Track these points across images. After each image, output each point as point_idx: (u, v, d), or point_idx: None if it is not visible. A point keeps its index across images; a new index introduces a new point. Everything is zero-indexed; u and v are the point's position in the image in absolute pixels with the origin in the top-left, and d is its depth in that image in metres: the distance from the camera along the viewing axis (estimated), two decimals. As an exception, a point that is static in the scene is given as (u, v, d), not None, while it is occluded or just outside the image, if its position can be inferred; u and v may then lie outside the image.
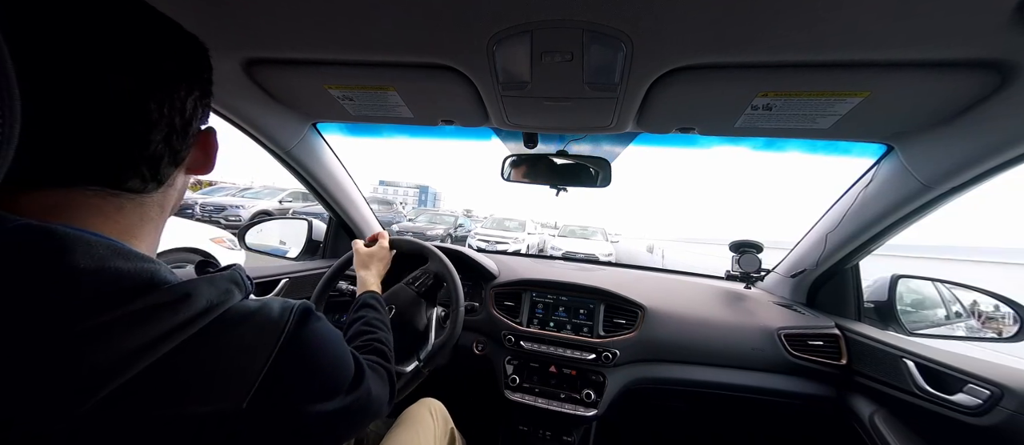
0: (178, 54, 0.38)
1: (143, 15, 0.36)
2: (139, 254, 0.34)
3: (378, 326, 0.78)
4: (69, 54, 0.31)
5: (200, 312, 0.34)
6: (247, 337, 0.36)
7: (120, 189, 0.36)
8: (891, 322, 1.23)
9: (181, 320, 0.32)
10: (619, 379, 1.24)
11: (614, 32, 0.64)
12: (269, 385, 0.35)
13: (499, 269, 1.49)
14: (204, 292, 0.35)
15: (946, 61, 0.64)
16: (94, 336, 0.29)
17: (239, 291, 0.39)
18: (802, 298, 1.42)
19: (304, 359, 0.39)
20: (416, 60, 0.80)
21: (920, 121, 0.83)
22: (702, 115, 0.92)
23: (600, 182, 1.31)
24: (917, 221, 1.05)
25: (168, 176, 0.40)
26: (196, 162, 0.44)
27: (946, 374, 0.93)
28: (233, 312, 0.37)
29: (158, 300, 0.32)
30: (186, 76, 0.39)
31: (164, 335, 0.31)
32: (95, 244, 0.32)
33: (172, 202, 0.44)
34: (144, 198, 0.39)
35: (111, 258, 0.32)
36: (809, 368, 1.20)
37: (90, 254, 0.31)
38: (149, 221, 0.40)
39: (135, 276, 0.32)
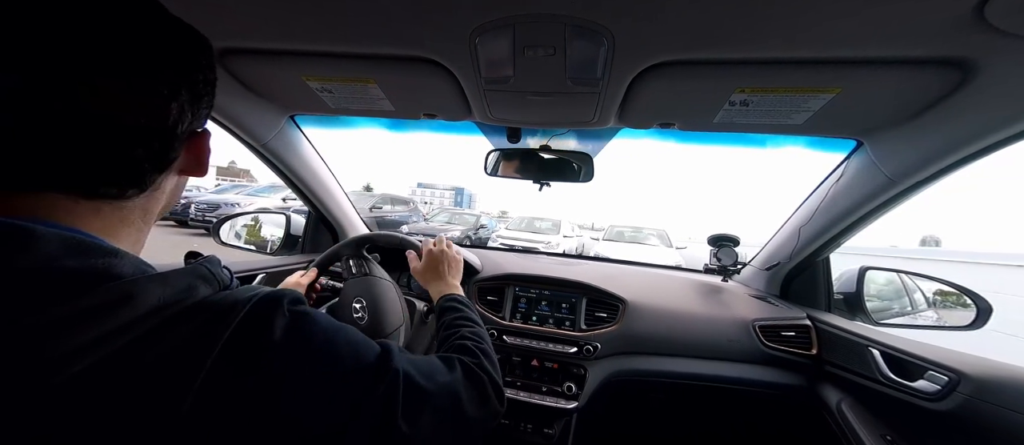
0: (158, 57, 0.34)
1: (122, 12, 0.33)
2: (102, 248, 0.32)
3: (462, 324, 0.68)
4: (34, 57, 0.29)
5: (146, 312, 0.30)
6: (187, 338, 0.31)
7: (95, 197, 0.34)
8: (858, 312, 1.28)
9: (121, 323, 0.29)
10: (600, 372, 1.26)
11: (596, 27, 0.65)
12: (210, 387, 0.30)
13: (482, 264, 1.48)
14: (153, 291, 0.31)
15: (912, 59, 0.67)
16: (21, 338, 0.26)
17: (206, 286, 0.35)
18: (776, 290, 1.46)
19: (257, 364, 0.33)
20: (397, 52, 0.79)
21: (888, 117, 0.86)
22: (682, 111, 0.93)
23: (583, 177, 1.32)
24: (884, 214, 1.09)
25: (153, 181, 0.37)
26: (188, 165, 0.41)
27: (908, 361, 0.98)
28: (192, 309, 0.32)
29: (93, 301, 0.28)
30: (168, 80, 0.35)
31: (96, 341, 0.28)
32: (49, 239, 0.29)
33: (159, 206, 0.41)
34: (124, 203, 0.36)
35: (61, 256, 0.29)
36: (782, 358, 1.24)
37: (36, 251, 0.28)
38: (129, 224, 0.37)
39: (81, 274, 0.29)
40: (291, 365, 0.35)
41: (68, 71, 0.30)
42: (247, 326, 0.33)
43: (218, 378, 0.30)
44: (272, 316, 0.35)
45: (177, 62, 0.36)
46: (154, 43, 0.34)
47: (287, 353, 0.35)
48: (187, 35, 0.38)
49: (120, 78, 0.32)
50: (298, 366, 0.35)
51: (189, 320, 0.32)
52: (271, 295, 0.36)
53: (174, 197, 0.44)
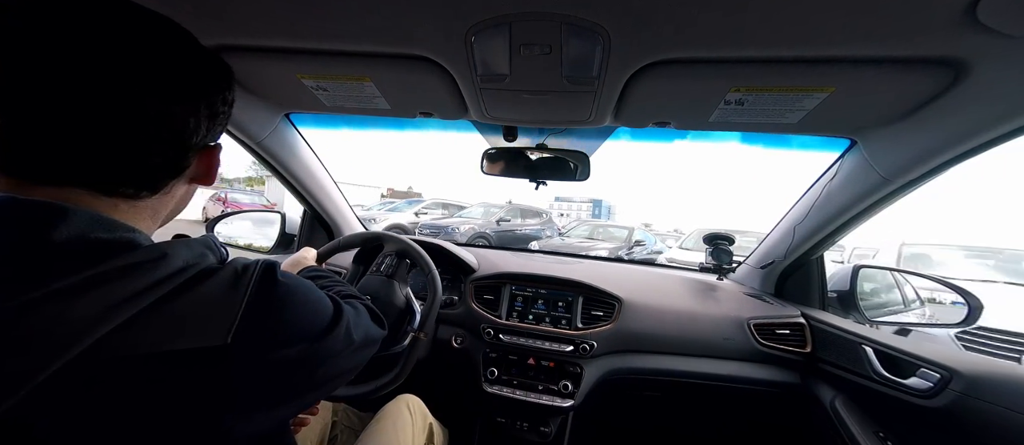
0: (192, 82, 0.40)
1: (153, 33, 0.38)
2: (125, 225, 0.38)
3: (335, 281, 0.77)
4: (72, 67, 0.33)
5: (177, 270, 0.36)
6: (220, 289, 0.38)
7: (113, 194, 0.39)
8: (852, 310, 1.29)
9: (160, 276, 0.35)
10: (596, 370, 1.26)
11: (592, 25, 0.65)
12: (247, 327, 0.37)
13: (479, 262, 1.48)
14: (181, 253, 0.38)
15: (905, 58, 0.67)
16: (72, 292, 0.31)
17: (212, 255, 0.42)
18: (771, 288, 1.47)
19: (274, 304, 0.41)
20: (392, 51, 0.79)
21: (881, 116, 0.87)
22: (677, 110, 0.94)
23: (579, 175, 1.32)
24: (878, 213, 1.10)
25: (165, 185, 0.43)
26: (198, 174, 0.46)
27: (901, 359, 0.98)
28: (206, 271, 0.39)
29: (136, 259, 0.34)
30: (186, 97, 0.40)
31: (145, 289, 0.33)
32: (80, 215, 0.34)
33: (168, 210, 0.46)
34: (137, 202, 0.41)
35: (93, 228, 0.35)
36: (777, 356, 1.25)
37: (72, 223, 0.34)
38: (140, 222, 0.42)
39: (114, 242, 0.35)
40: (291, 305, 0.43)
41: (131, 92, 0.36)
42: (262, 282, 0.41)
43: (251, 311, 0.38)
44: (274, 275, 0.42)
45: (204, 87, 0.42)
46: (190, 71, 0.40)
47: (288, 297, 0.43)
48: (214, 64, 0.44)
49: (162, 100, 0.38)
50: (295, 306, 0.44)
51: (210, 278, 0.38)
52: (269, 262, 0.44)
53: (183, 203, 0.49)
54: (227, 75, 0.45)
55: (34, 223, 0.33)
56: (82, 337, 0.30)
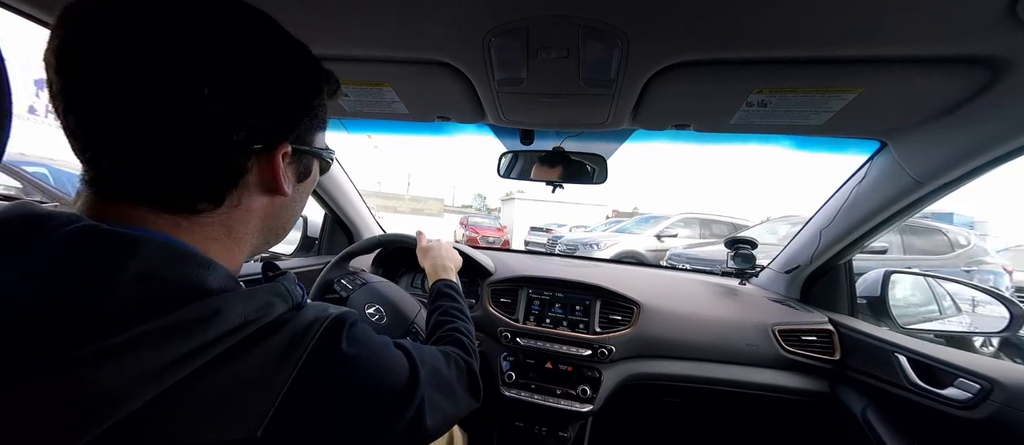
0: (226, 65, 0.34)
1: (216, 40, 0.34)
2: (197, 258, 0.33)
3: (457, 315, 0.72)
4: (116, 74, 0.31)
5: (231, 329, 0.31)
6: (271, 355, 0.32)
7: (174, 210, 0.35)
8: (883, 317, 1.25)
9: (209, 338, 0.30)
10: (615, 375, 1.25)
11: (610, 28, 0.64)
12: (286, 410, 0.31)
13: (495, 266, 1.49)
14: (237, 308, 0.32)
15: (939, 57, 0.65)
16: (112, 354, 0.27)
17: (282, 303, 0.36)
18: (796, 294, 1.43)
19: (327, 383, 0.35)
20: (412, 56, 0.80)
21: (913, 117, 0.84)
22: (697, 112, 0.92)
23: (596, 178, 1.31)
24: (910, 216, 1.06)
25: (226, 196, 0.37)
26: (265, 183, 0.40)
27: (937, 368, 0.94)
28: (268, 327, 0.34)
29: (186, 316, 0.29)
30: (229, 92, 0.34)
31: (188, 355, 0.29)
32: (150, 247, 0.31)
33: (248, 226, 0.41)
34: (200, 218, 0.36)
35: (163, 264, 0.31)
36: (803, 363, 1.21)
37: (141, 258, 0.30)
38: (214, 240, 0.38)
39: (175, 285, 0.31)
40: (350, 383, 0.37)
41: (177, 90, 0.31)
42: (318, 350, 0.35)
43: (296, 391, 0.32)
44: (338, 338, 0.37)
45: (255, 80, 0.36)
46: (237, 61, 0.35)
47: (349, 372, 0.37)
48: (275, 57, 0.38)
49: (213, 97, 0.33)
50: (355, 384, 0.38)
51: (268, 337, 0.33)
52: (337, 319, 0.38)
53: (267, 218, 0.42)
54: (292, 72, 0.39)
55: (101, 261, 0.29)
56: (99, 417, 0.25)
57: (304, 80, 0.40)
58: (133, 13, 0.31)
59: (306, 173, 0.46)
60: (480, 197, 57.95)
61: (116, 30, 0.30)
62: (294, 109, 0.40)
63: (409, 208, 37.59)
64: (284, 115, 0.39)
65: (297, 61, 0.39)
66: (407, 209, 37.10)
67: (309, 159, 0.45)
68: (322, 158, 0.47)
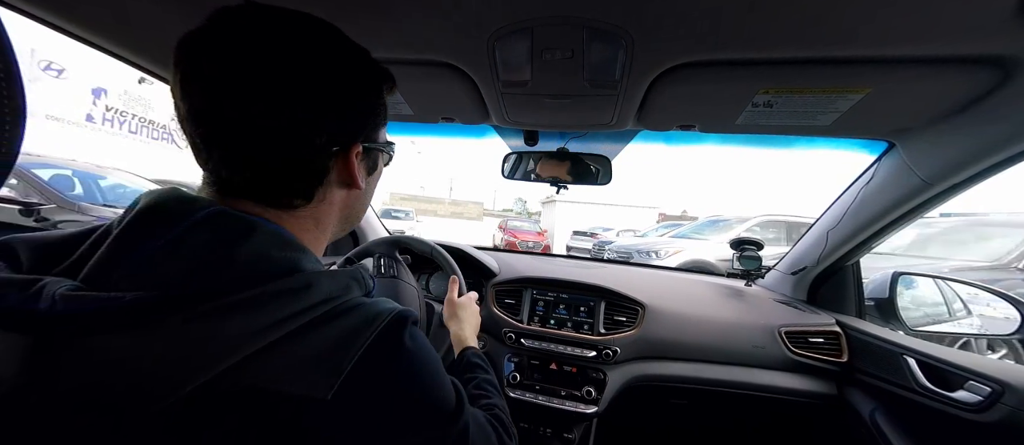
0: (325, 78, 0.39)
1: (303, 39, 0.39)
2: (296, 244, 0.39)
3: (492, 391, 0.69)
4: (242, 81, 0.36)
5: (318, 302, 0.36)
6: (346, 330, 0.36)
7: (276, 206, 0.41)
8: (892, 319, 1.23)
9: (301, 307, 0.35)
10: (620, 376, 1.24)
11: (615, 29, 0.64)
12: (353, 382, 0.34)
13: (500, 267, 1.49)
14: (325, 285, 0.37)
15: (948, 57, 0.64)
16: (232, 310, 0.32)
17: (358, 288, 0.41)
18: (803, 295, 1.42)
19: (385, 371, 0.37)
20: (417, 57, 0.80)
21: (921, 118, 0.83)
22: (703, 112, 0.92)
23: (601, 179, 1.31)
24: (918, 218, 1.05)
25: (316, 192, 0.43)
26: (343, 179, 0.45)
27: (947, 371, 0.93)
28: (344, 306, 0.38)
29: (287, 286, 0.35)
30: (328, 101, 0.40)
31: (285, 318, 0.33)
32: (268, 233, 0.37)
33: (331, 217, 0.47)
34: (296, 213, 0.43)
35: (272, 247, 0.37)
36: (810, 365, 1.20)
37: (256, 240, 0.36)
38: (305, 231, 0.44)
39: (279, 262, 0.37)
40: (406, 379, 0.39)
41: (288, 100, 0.37)
42: (382, 339, 0.38)
43: (359, 370, 0.35)
44: (401, 333, 0.39)
45: (349, 88, 0.42)
46: (332, 73, 0.40)
47: (405, 366, 0.39)
48: (353, 66, 0.43)
49: (309, 108, 0.38)
50: (411, 380, 0.39)
51: (345, 317, 0.37)
52: (401, 314, 0.41)
53: (345, 209, 0.49)
54: (363, 74, 0.44)
55: (225, 238, 0.35)
56: (219, 362, 0.30)
57: (369, 83, 0.45)
58: (234, 45, 0.36)
59: (374, 167, 0.51)
60: (520, 201, 56.88)
61: (225, 62, 0.36)
62: (363, 111, 0.45)
63: (449, 212, 37.48)
64: (356, 117, 0.44)
65: (363, 66, 0.44)
66: (447, 213, 37.01)
67: (376, 154, 0.50)
68: (386, 152, 0.52)
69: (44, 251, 0.38)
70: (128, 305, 0.30)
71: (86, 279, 0.34)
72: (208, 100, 0.36)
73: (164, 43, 0.82)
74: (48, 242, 0.39)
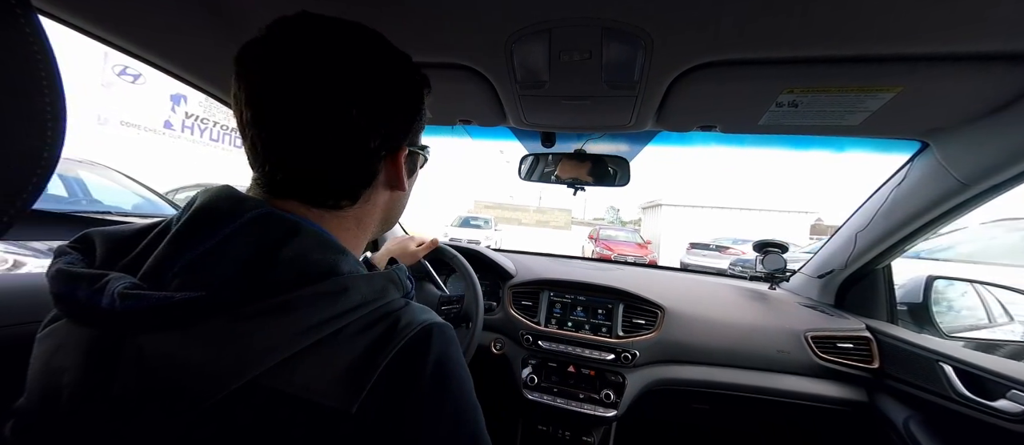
0: (374, 83, 0.40)
1: (354, 45, 0.40)
2: (336, 246, 0.39)
3: None
4: (295, 87, 0.37)
5: (353, 306, 0.36)
6: (375, 340, 0.36)
7: (320, 206, 0.42)
8: (926, 325, 1.19)
9: (337, 311, 0.34)
10: (639, 380, 1.23)
11: (633, 30, 0.64)
12: (376, 397, 0.33)
13: (516, 268, 1.49)
14: (360, 288, 0.37)
15: (985, 54, 0.61)
16: (272, 312, 0.32)
17: (396, 290, 0.41)
18: (830, 299, 1.37)
19: (413, 383, 0.35)
20: (435, 60, 0.81)
21: (957, 117, 0.79)
22: (724, 113, 0.90)
23: (618, 181, 1.30)
24: (956, 219, 1.00)
25: (361, 194, 0.44)
26: (390, 181, 0.46)
27: (987, 379, 0.89)
28: (381, 311, 0.38)
29: (321, 290, 0.34)
30: (377, 104, 0.41)
31: (321, 322, 0.33)
32: (310, 234, 0.38)
33: (373, 218, 0.48)
34: (339, 213, 0.43)
35: (313, 248, 0.37)
36: (839, 371, 1.16)
37: (299, 241, 0.36)
38: (346, 230, 0.44)
39: (319, 264, 0.37)
40: (429, 395, 0.36)
41: (340, 102, 0.38)
42: (411, 348, 0.37)
43: (382, 385, 0.34)
44: (427, 346, 0.38)
45: (393, 93, 0.43)
46: (382, 78, 0.41)
47: (429, 383, 0.36)
48: (400, 71, 0.44)
49: (362, 110, 0.39)
50: (433, 399, 0.37)
51: (377, 325, 0.37)
52: (434, 326, 0.39)
53: (387, 210, 0.50)
54: (409, 79, 0.45)
55: (270, 239, 0.36)
56: (256, 365, 0.30)
57: (413, 87, 0.46)
58: (292, 51, 0.37)
59: (415, 168, 0.52)
60: (612, 209, 52.30)
61: (284, 67, 0.37)
62: (409, 114, 0.46)
63: (534, 220, 35.43)
64: (403, 120, 0.45)
65: (406, 71, 0.44)
66: (532, 221, 35.18)
67: (416, 156, 0.51)
68: (423, 154, 0.53)
69: (116, 244, 0.39)
70: (177, 305, 0.31)
71: (145, 276, 0.35)
72: (269, 105, 0.38)
73: (216, 63, 0.85)
74: (121, 236, 0.40)
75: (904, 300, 1.25)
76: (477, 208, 33.97)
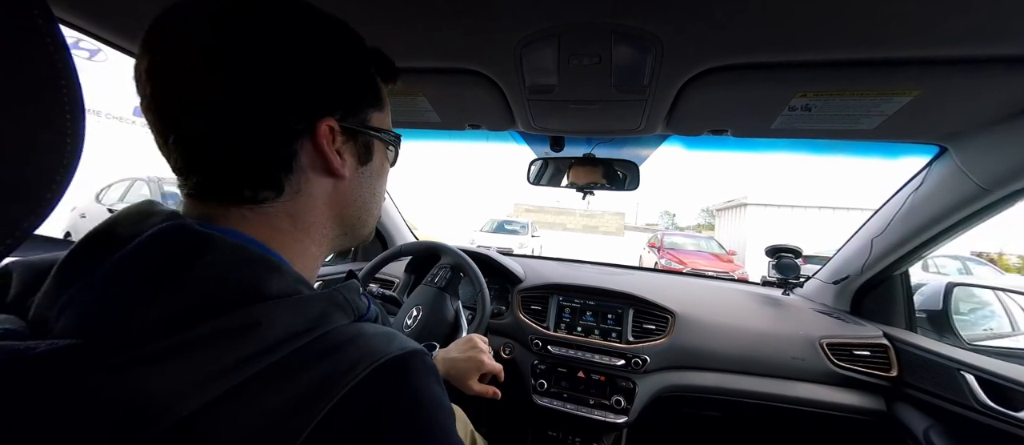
0: (269, 44, 0.33)
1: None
2: (266, 260, 0.32)
3: None
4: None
5: (273, 344, 0.28)
6: (316, 382, 0.28)
7: (239, 203, 0.35)
8: (946, 332, 1.16)
9: (246, 353, 0.27)
10: (650, 386, 1.21)
11: (643, 34, 0.63)
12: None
13: (525, 273, 1.49)
14: (281, 319, 0.29)
15: (1005, 57, 0.60)
16: (162, 358, 0.25)
17: (343, 314, 0.34)
18: (846, 306, 1.35)
19: (374, 429, 0.28)
20: (445, 65, 0.81)
21: (977, 120, 0.78)
22: (736, 117, 0.89)
23: (628, 185, 1.29)
24: (976, 225, 0.98)
25: (284, 183, 0.36)
26: (320, 164, 0.38)
27: (1011, 389, 0.87)
28: (322, 343, 0.30)
29: (222, 326, 0.27)
30: (275, 71, 0.34)
31: (230, 368, 0.26)
32: (226, 249, 0.31)
33: (313, 213, 0.39)
34: (265, 209, 0.36)
35: (231, 266, 0.30)
36: (856, 379, 1.14)
37: (212, 260, 0.30)
38: (282, 231, 0.37)
39: (235, 288, 0.29)
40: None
41: (239, 74, 0.32)
42: (360, 394, 0.28)
43: (328, 429, 0.26)
44: (390, 387, 0.30)
45: (294, 56, 0.35)
46: (279, 39, 0.34)
47: (399, 430, 0.29)
48: (305, 33, 0.37)
49: (256, 77, 0.33)
50: None
51: (313, 363, 0.29)
52: (397, 361, 0.31)
53: (335, 205, 0.41)
54: (324, 46, 0.37)
55: (174, 261, 0.29)
56: (142, 428, 0.23)
57: (340, 53, 0.38)
58: (180, 19, 0.32)
59: (367, 155, 0.43)
60: (667, 214, 48.26)
61: (171, 35, 0.32)
62: (330, 82, 0.37)
63: (581, 225, 31.64)
64: (319, 88, 0.37)
65: (331, 34, 0.38)
66: (578, 226, 31.42)
67: (368, 140, 0.42)
68: (383, 140, 0.44)
69: (34, 277, 0.32)
70: (40, 357, 0.24)
71: (32, 319, 0.29)
72: (156, 78, 0.32)
73: None
74: (42, 267, 0.33)
75: (923, 307, 1.22)
76: (517, 211, 31.65)
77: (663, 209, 50.26)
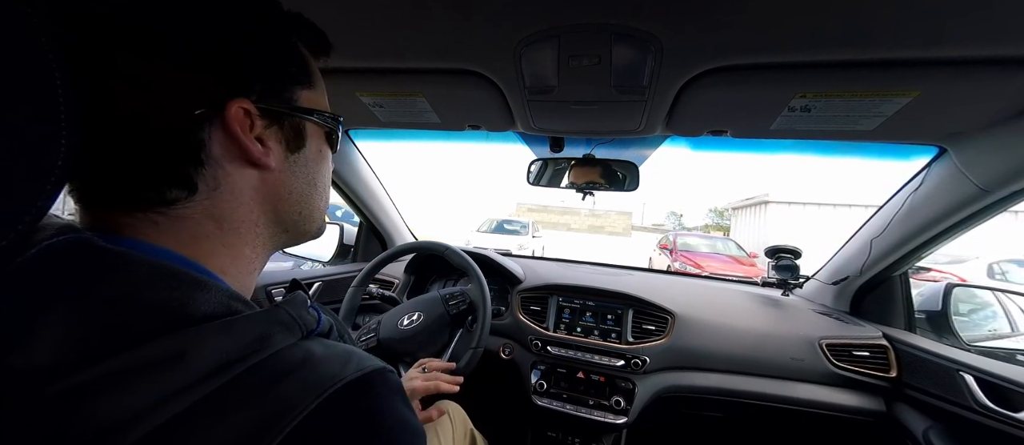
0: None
1: None
2: (190, 277, 0.28)
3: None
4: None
5: (203, 376, 0.24)
6: (256, 416, 0.24)
7: (145, 208, 0.30)
8: (945, 334, 1.16)
9: (176, 386, 0.23)
10: (650, 386, 1.22)
11: (643, 34, 0.63)
12: None
13: (525, 273, 1.49)
14: (211, 345, 0.25)
15: (1005, 58, 0.60)
16: (81, 395, 0.22)
17: (288, 333, 0.30)
18: (845, 307, 1.35)
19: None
20: (444, 66, 0.81)
21: (976, 121, 0.78)
22: (735, 117, 0.89)
23: (628, 185, 1.29)
24: (975, 226, 0.98)
25: (197, 178, 0.31)
26: (235, 154, 0.33)
27: (1010, 389, 0.87)
28: (265, 367, 0.27)
29: (152, 355, 0.23)
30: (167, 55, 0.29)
31: (156, 403, 0.22)
32: (136, 265, 0.26)
33: (241, 212, 0.34)
34: (178, 211, 0.31)
35: (145, 285, 0.26)
36: (855, 380, 1.14)
37: (122, 281, 0.25)
38: (205, 236, 0.32)
39: (152, 313, 0.25)
40: None
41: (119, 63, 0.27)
42: (308, 431, 0.25)
43: None
44: (345, 416, 0.26)
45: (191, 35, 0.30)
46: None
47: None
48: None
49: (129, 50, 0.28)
50: None
51: (252, 396, 0.25)
52: (373, 372, 0.28)
53: (266, 201, 0.36)
54: (227, 16, 0.31)
55: (73, 287, 0.25)
56: None
57: (247, 21, 0.33)
58: None
59: (298, 141, 0.37)
60: (673, 215, 47.54)
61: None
62: (238, 57, 0.32)
63: (586, 225, 30.54)
64: (223, 66, 0.31)
65: (238, 4, 0.32)
66: (583, 226, 30.32)
67: (298, 123, 0.37)
68: (316, 123, 0.39)
69: None
70: None
71: None
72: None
73: None
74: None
75: (922, 308, 1.22)
76: (519, 211, 30.59)
77: (669, 209, 49.95)
